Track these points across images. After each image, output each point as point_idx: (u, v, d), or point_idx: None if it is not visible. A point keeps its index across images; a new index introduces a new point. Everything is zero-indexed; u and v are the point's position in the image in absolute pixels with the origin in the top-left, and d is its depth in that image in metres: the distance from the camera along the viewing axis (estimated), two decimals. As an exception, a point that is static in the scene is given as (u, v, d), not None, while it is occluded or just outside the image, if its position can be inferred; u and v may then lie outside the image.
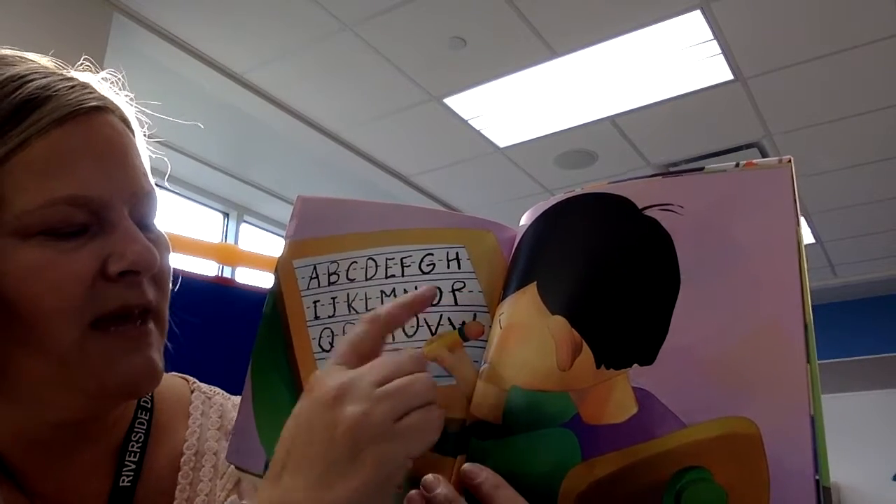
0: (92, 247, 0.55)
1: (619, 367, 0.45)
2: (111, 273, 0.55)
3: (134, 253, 0.55)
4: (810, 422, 0.40)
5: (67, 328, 0.54)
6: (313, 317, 0.59)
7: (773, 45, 3.08)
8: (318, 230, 0.62)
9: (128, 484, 0.62)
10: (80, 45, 2.63)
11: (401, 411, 0.44)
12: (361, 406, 0.44)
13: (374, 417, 0.44)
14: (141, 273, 0.56)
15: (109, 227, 0.56)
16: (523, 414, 0.47)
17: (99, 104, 0.58)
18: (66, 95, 0.57)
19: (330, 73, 3.29)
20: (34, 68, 0.59)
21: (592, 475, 0.44)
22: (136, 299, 0.57)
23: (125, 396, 0.62)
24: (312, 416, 0.45)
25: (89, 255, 0.55)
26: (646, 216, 0.48)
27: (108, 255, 0.55)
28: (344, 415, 0.44)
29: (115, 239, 0.56)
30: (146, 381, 0.59)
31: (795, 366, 0.41)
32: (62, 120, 0.55)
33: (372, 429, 0.43)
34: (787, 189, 0.44)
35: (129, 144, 0.60)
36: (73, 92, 0.57)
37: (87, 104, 0.57)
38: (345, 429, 0.43)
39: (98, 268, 0.55)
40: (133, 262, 0.55)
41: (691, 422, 0.43)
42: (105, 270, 0.55)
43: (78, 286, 0.54)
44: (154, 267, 0.57)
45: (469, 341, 0.53)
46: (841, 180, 4.17)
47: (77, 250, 0.54)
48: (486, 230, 0.56)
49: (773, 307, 0.43)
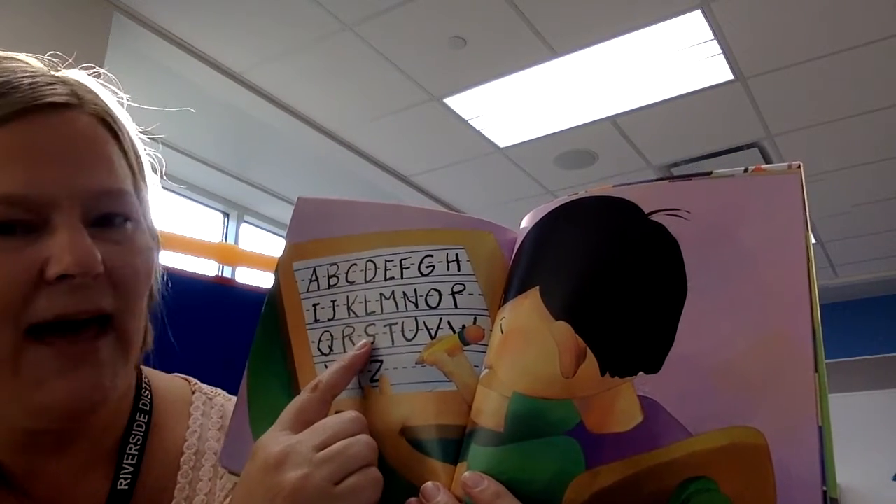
0: (32, 249, 0.52)
1: (625, 375, 0.44)
2: (49, 277, 0.52)
3: (70, 256, 0.51)
4: (818, 431, 0.40)
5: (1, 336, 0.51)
6: (313, 320, 0.59)
7: (773, 45, 3.08)
8: (318, 232, 0.61)
9: (125, 487, 0.61)
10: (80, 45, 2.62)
11: (340, 475, 0.46)
12: (302, 470, 0.46)
13: (314, 481, 0.46)
14: (77, 277, 0.52)
15: (52, 229, 0.53)
16: (526, 421, 0.46)
17: (60, 100, 0.56)
18: (21, 92, 0.54)
19: (330, 73, 3.28)
20: (12, 67, 0.57)
21: (596, 485, 0.43)
22: (76, 306, 0.53)
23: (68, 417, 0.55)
24: (255, 482, 0.48)
25: (28, 257, 0.52)
26: (652, 221, 0.47)
27: (48, 258, 0.52)
28: (285, 479, 0.46)
29: (56, 240, 0.52)
30: (79, 405, 0.54)
31: (803, 374, 0.41)
32: (8, 117, 0.53)
33: (312, 492, 0.45)
34: (796, 195, 0.43)
35: (97, 142, 0.57)
36: (33, 88, 0.55)
37: (41, 100, 0.54)
38: (286, 494, 0.46)
39: (37, 270, 0.52)
40: (68, 265, 0.51)
41: (697, 431, 0.42)
42: (44, 274, 0.52)
43: (11, 290, 0.51)
44: (92, 271, 0.52)
45: (469, 345, 0.52)
46: (841, 180, 4.16)
47: (14, 251, 0.52)
48: (486, 231, 0.55)
49: (781, 315, 0.42)
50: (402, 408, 0.52)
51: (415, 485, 0.49)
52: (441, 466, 0.49)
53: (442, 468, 0.49)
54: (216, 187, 4.33)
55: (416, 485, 0.49)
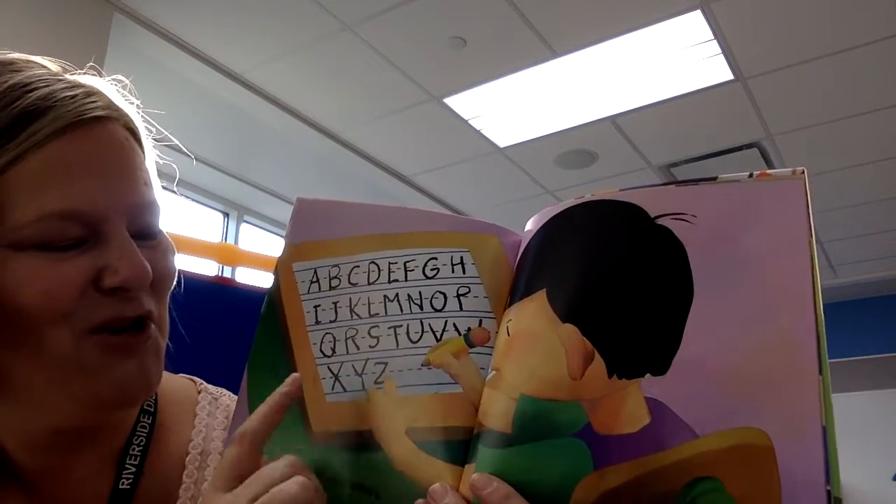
0: (86, 258, 0.55)
1: (632, 377, 0.45)
2: (104, 287, 0.55)
3: (127, 270, 0.55)
4: (822, 432, 0.40)
5: (60, 334, 0.54)
6: (314, 321, 0.59)
7: (773, 45, 3.08)
8: (318, 233, 0.61)
9: (127, 486, 0.62)
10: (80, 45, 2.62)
11: None
12: None
13: None
14: (132, 290, 0.56)
15: (105, 240, 0.56)
16: (533, 423, 0.46)
17: (102, 114, 0.58)
18: (66, 106, 0.56)
19: (330, 73, 3.28)
20: (40, 75, 0.58)
21: (604, 485, 0.43)
22: (130, 312, 0.57)
23: (118, 404, 0.60)
24: None
25: (82, 265, 0.55)
26: (659, 225, 0.47)
27: (103, 268, 0.55)
28: None
29: (110, 252, 0.56)
30: (138, 390, 0.58)
31: (808, 377, 0.41)
32: (60, 132, 0.55)
33: None
34: (800, 201, 0.44)
35: (131, 154, 0.60)
36: (75, 102, 0.57)
37: (87, 115, 0.57)
38: None
39: (91, 278, 0.55)
40: (125, 279, 0.55)
41: (704, 432, 0.42)
42: (99, 283, 0.55)
43: (69, 293, 0.54)
44: (146, 284, 0.57)
45: (475, 348, 0.52)
46: (841, 180, 4.17)
47: (70, 260, 0.54)
48: (491, 234, 0.55)
49: (785, 318, 0.42)
50: (408, 409, 0.52)
51: (421, 486, 0.49)
52: (448, 468, 0.49)
53: (449, 470, 0.49)
54: (216, 187, 4.33)
55: (422, 486, 0.49)
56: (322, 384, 0.56)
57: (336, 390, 0.55)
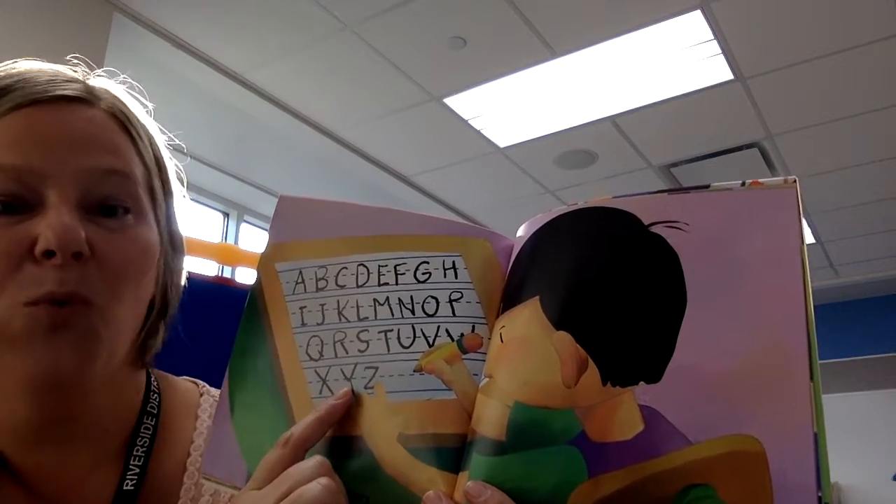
0: (24, 226, 0.53)
1: (626, 385, 0.45)
2: (35, 253, 0.52)
3: (50, 232, 0.52)
4: (814, 439, 0.41)
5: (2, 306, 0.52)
6: (300, 323, 0.57)
7: (773, 45, 3.08)
8: (303, 232, 0.60)
9: (131, 487, 0.62)
10: (80, 45, 2.62)
11: None
12: None
13: None
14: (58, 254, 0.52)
15: (45, 209, 0.54)
16: (528, 430, 0.46)
17: (70, 94, 0.57)
18: (37, 85, 0.56)
19: (330, 73, 3.28)
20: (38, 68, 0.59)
21: (598, 493, 0.44)
22: (61, 285, 0.52)
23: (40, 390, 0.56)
24: None
25: (19, 233, 0.53)
26: (652, 232, 0.47)
27: (37, 235, 0.53)
28: None
29: (46, 220, 0.53)
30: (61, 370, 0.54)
31: (799, 383, 0.41)
32: (20, 105, 0.55)
33: None
34: (792, 209, 0.44)
35: (105, 130, 0.59)
36: (49, 83, 0.57)
37: (52, 93, 0.56)
38: None
39: (26, 248, 0.53)
40: (48, 241, 0.52)
41: (697, 439, 0.42)
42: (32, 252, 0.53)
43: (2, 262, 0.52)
44: (71, 247, 0.52)
45: (468, 354, 0.51)
46: (841, 180, 4.17)
47: (9, 227, 0.53)
48: (482, 239, 0.54)
49: (777, 326, 0.43)
50: (400, 415, 0.51)
51: (413, 493, 0.49)
52: (441, 475, 0.49)
53: (441, 477, 0.49)
54: (216, 187, 4.33)
55: (414, 493, 0.49)
56: (309, 388, 0.55)
57: (324, 394, 0.55)
